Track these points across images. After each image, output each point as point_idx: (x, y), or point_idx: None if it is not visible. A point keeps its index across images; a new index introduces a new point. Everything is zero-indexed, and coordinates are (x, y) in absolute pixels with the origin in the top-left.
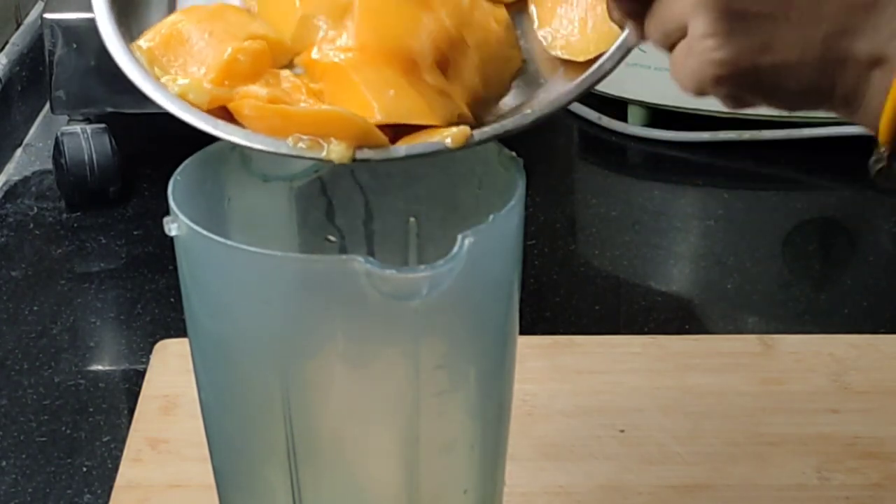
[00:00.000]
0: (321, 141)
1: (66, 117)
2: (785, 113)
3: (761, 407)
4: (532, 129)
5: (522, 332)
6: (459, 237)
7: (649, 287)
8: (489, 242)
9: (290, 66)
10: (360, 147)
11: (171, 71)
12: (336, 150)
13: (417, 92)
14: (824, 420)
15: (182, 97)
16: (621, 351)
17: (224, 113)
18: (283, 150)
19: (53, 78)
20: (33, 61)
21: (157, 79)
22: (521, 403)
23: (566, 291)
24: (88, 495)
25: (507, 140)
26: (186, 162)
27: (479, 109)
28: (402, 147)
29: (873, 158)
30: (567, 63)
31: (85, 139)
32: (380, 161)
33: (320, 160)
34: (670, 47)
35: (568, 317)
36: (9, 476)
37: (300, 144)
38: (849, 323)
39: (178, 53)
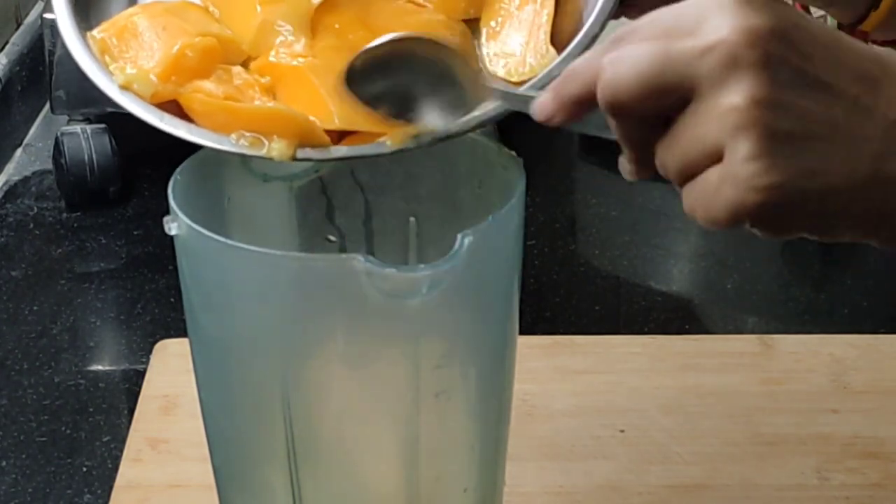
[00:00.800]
0: (263, 139)
1: (66, 117)
2: (826, 241)
3: (761, 407)
4: (466, 132)
5: (522, 332)
6: (459, 237)
7: (649, 287)
8: (489, 242)
9: (244, 66)
10: (302, 146)
11: (120, 61)
12: (277, 148)
13: None
14: (824, 420)
15: (126, 87)
16: (621, 351)
17: (176, 108)
18: (226, 147)
19: (53, 78)
20: (33, 61)
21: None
22: (521, 403)
23: (566, 291)
24: (88, 495)
25: (508, 140)
26: (186, 162)
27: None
28: (343, 148)
29: None
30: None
31: (85, 139)
32: (320, 161)
33: (261, 157)
34: (688, 178)
35: (568, 317)
36: (9, 476)
37: (241, 141)
38: (849, 323)
39: (130, 45)
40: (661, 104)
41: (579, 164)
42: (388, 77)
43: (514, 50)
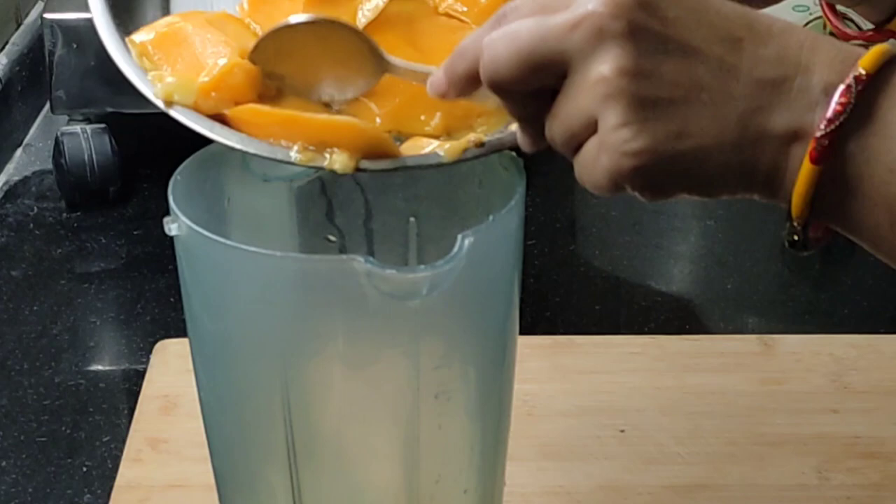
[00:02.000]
0: (324, 151)
1: (66, 117)
2: (706, 200)
3: (761, 407)
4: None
5: (522, 332)
6: (459, 237)
7: (649, 287)
8: (489, 242)
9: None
10: (364, 157)
11: (161, 68)
12: (339, 161)
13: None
14: (824, 420)
15: (166, 96)
16: (621, 351)
17: (217, 117)
18: (284, 157)
19: (53, 78)
20: (33, 61)
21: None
22: (521, 403)
23: (566, 291)
24: (88, 495)
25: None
26: (186, 162)
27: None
28: (406, 158)
29: (785, 231)
30: None
31: (85, 139)
32: (381, 172)
33: (322, 169)
34: (575, 149)
35: (568, 317)
36: (9, 476)
37: (298, 154)
38: (849, 323)
39: (171, 53)
40: (540, 80)
41: None
42: (293, 55)
43: None
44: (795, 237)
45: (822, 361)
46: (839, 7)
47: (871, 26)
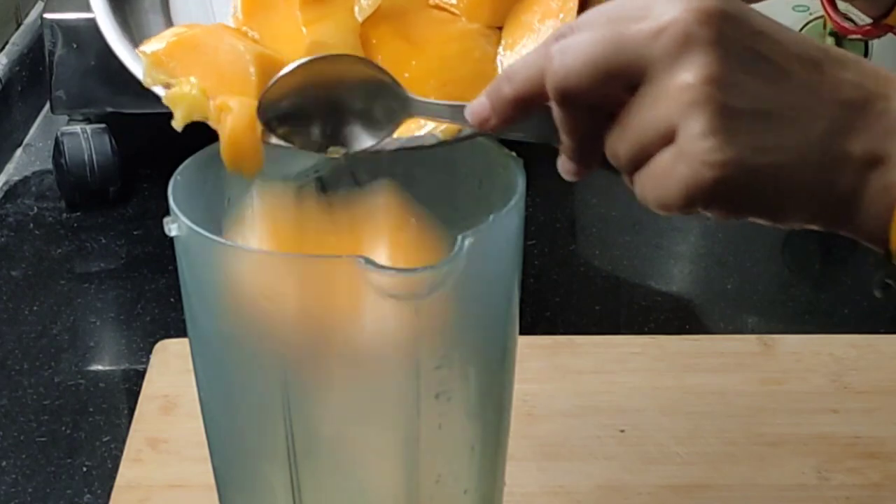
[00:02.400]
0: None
1: (66, 117)
2: (774, 225)
3: (761, 407)
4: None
5: (522, 332)
6: (459, 237)
7: (649, 287)
8: (489, 242)
9: None
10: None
11: (177, 76)
12: (334, 150)
13: None
14: (824, 420)
15: (173, 104)
16: (621, 351)
17: None
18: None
19: (53, 78)
20: (33, 61)
21: (162, 84)
22: (521, 403)
23: (566, 291)
24: (88, 495)
25: (508, 140)
26: (186, 162)
27: None
28: (402, 139)
29: (878, 277)
30: None
31: (85, 139)
32: (374, 152)
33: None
34: (643, 161)
35: (568, 317)
36: (9, 476)
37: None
38: (849, 323)
39: (187, 60)
40: (613, 89)
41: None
42: (305, 104)
43: None
44: (890, 281)
45: (822, 361)
46: (839, 3)
47: (869, 21)
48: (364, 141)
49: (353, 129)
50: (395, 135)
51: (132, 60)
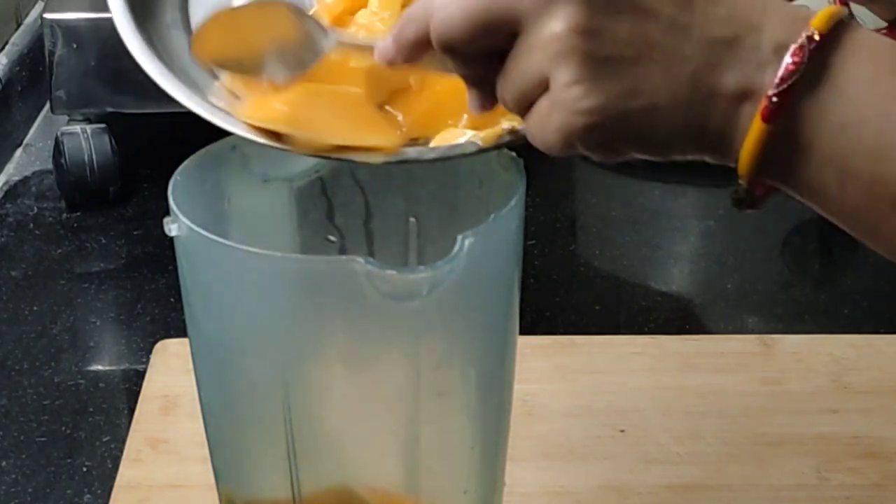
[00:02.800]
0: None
1: (66, 117)
2: (657, 160)
3: (761, 407)
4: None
5: (522, 332)
6: (459, 237)
7: (649, 287)
8: (489, 242)
9: None
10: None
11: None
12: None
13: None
14: (824, 420)
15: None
16: (621, 351)
17: None
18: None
19: (53, 78)
20: (33, 61)
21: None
22: (521, 403)
23: (566, 291)
24: (88, 495)
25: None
26: (186, 162)
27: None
28: (444, 148)
29: (732, 189)
30: None
31: (85, 139)
32: (418, 163)
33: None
34: (527, 108)
35: (568, 317)
36: (9, 476)
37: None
38: (849, 323)
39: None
40: (492, 41)
41: (579, 164)
42: (236, 39)
43: None
44: (740, 195)
45: (822, 361)
46: (852, 5)
47: (883, 24)
48: (293, 68)
49: (282, 59)
50: (433, 144)
51: (165, 80)
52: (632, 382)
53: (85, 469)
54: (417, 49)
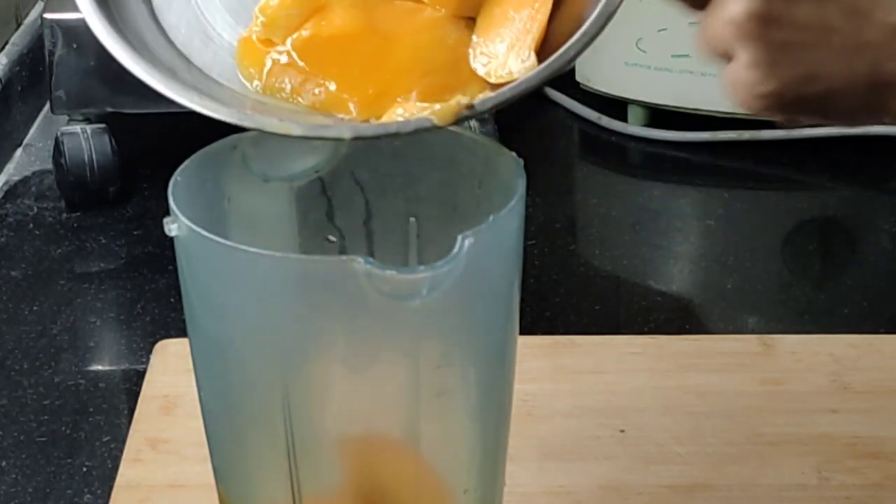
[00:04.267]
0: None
1: (66, 117)
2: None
3: (761, 407)
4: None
5: (522, 332)
6: (459, 237)
7: (649, 287)
8: (489, 242)
9: None
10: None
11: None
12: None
13: None
14: (824, 420)
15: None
16: (621, 351)
17: None
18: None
19: (53, 78)
20: (33, 61)
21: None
22: (521, 403)
23: (566, 291)
24: (88, 495)
25: (508, 140)
26: (186, 162)
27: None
28: (394, 124)
29: None
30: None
31: (85, 139)
32: (369, 139)
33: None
34: (721, 58)
35: (568, 317)
36: (9, 476)
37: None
38: (849, 323)
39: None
40: None
41: (579, 164)
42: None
43: (498, 51)
44: None
45: (822, 361)
46: None
47: None
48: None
49: None
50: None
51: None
52: (632, 382)
53: (85, 469)
54: None
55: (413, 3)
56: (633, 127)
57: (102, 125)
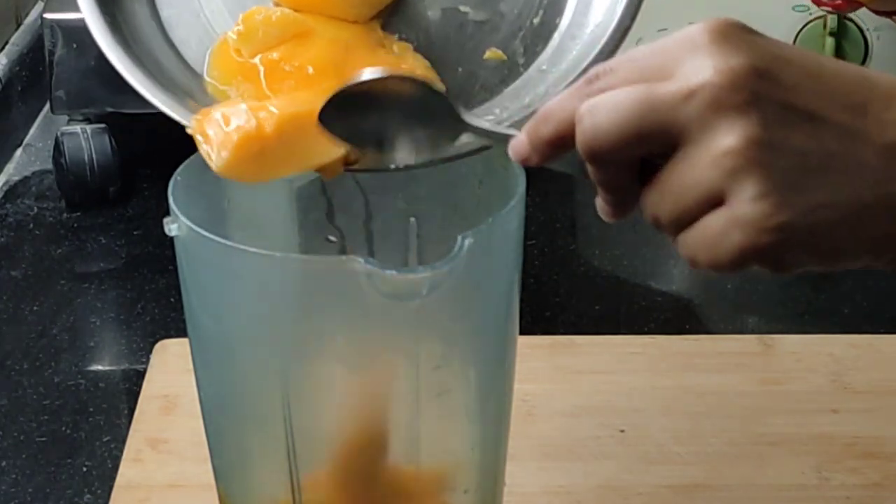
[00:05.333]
0: None
1: (66, 117)
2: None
3: (761, 407)
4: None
5: (522, 332)
6: (459, 238)
7: (649, 287)
8: (489, 242)
9: None
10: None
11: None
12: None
13: None
14: (824, 420)
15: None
16: (621, 351)
17: None
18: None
19: (53, 78)
20: (33, 61)
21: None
22: (521, 403)
23: (566, 291)
24: (88, 495)
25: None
26: (186, 162)
27: None
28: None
29: None
30: None
31: (85, 139)
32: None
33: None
34: (684, 226)
35: (568, 317)
36: (9, 476)
37: None
38: (849, 323)
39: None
40: (644, 151)
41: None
42: (363, 114)
43: None
44: None
45: (822, 361)
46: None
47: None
48: (407, 155)
49: (405, 143)
50: None
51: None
52: (632, 382)
53: (85, 469)
54: (555, 149)
55: (393, 58)
56: None
57: (102, 125)
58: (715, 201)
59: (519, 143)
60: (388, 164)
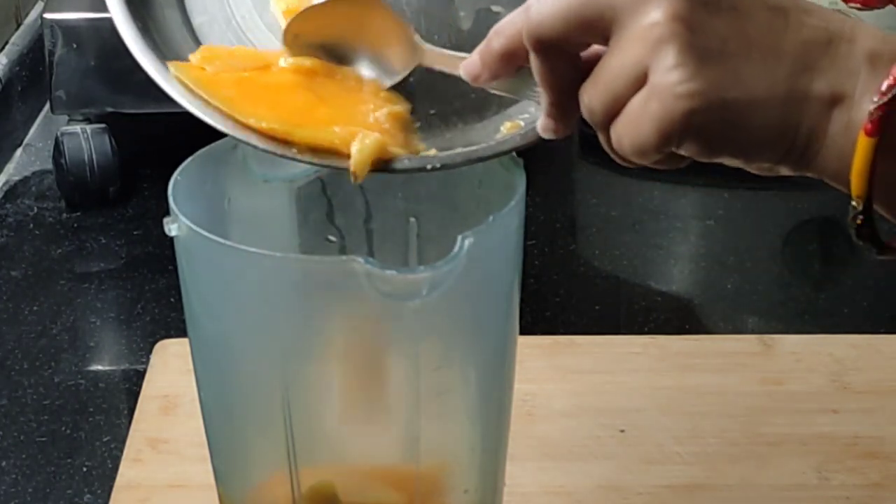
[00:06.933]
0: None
1: (66, 117)
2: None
3: (761, 407)
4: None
5: (522, 332)
6: (459, 238)
7: (649, 287)
8: (489, 242)
9: None
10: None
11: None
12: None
13: None
14: (824, 420)
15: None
16: (621, 351)
17: None
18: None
19: (53, 78)
20: (33, 61)
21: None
22: (521, 403)
23: (566, 291)
24: (88, 495)
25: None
26: (186, 162)
27: None
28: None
29: (850, 215)
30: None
31: (85, 139)
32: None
33: (326, 168)
34: (614, 114)
35: (568, 317)
36: (9, 476)
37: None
38: (849, 323)
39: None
40: (585, 37)
41: (579, 164)
42: (325, 35)
43: None
44: (859, 222)
45: (822, 361)
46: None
47: None
48: (381, 74)
49: (373, 60)
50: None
51: (153, 68)
52: (632, 382)
53: (85, 469)
54: (504, 62)
55: (358, 85)
56: None
57: (102, 125)
58: (641, 81)
59: (470, 63)
60: (424, 165)
